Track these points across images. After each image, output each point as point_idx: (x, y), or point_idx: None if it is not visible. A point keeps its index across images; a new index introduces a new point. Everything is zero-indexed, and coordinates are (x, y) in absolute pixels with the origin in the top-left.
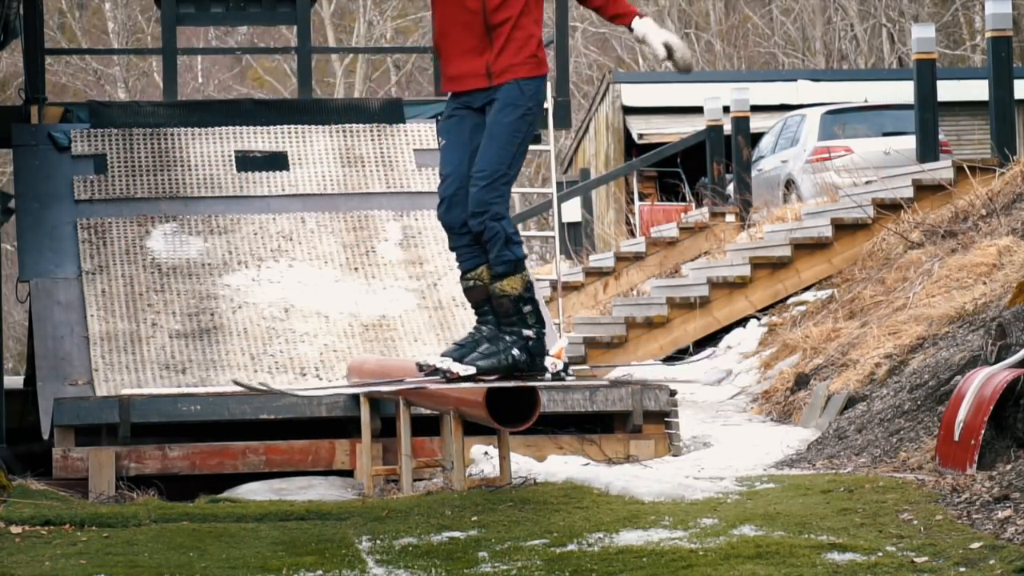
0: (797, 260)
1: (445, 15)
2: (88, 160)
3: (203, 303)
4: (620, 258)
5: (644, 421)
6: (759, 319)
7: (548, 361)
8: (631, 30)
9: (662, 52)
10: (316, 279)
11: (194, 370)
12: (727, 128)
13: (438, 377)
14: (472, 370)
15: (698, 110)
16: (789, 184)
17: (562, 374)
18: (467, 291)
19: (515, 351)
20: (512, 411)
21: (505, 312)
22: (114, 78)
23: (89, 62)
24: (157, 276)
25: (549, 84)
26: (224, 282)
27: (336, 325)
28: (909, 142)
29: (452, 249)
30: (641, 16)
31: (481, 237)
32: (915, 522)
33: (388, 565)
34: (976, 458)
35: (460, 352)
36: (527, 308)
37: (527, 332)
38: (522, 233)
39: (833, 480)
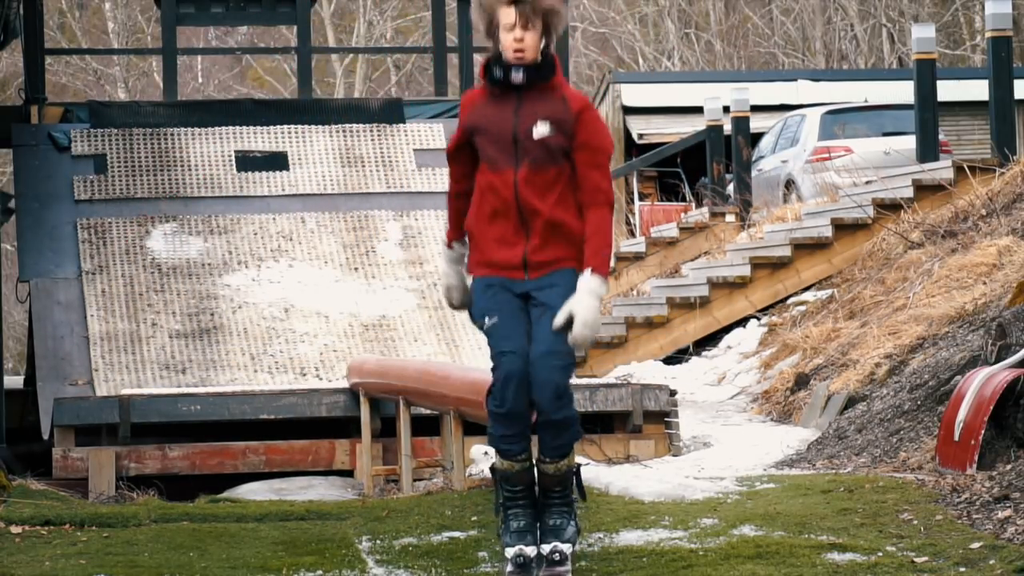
0: (797, 260)
1: (479, 199)
2: (88, 160)
3: (203, 303)
4: (620, 258)
5: (644, 421)
6: (759, 319)
7: None
8: (581, 273)
9: (561, 319)
10: (316, 279)
11: (194, 370)
12: (727, 128)
13: (557, 567)
14: (571, 549)
15: (698, 110)
16: (789, 184)
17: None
18: (514, 474)
19: (576, 523)
20: None
21: (564, 485)
22: (114, 78)
23: (89, 62)
24: (157, 276)
25: None
26: (224, 282)
27: (336, 325)
28: (909, 142)
29: (501, 437)
30: (594, 274)
31: (553, 423)
32: (915, 522)
33: (388, 565)
34: (976, 458)
35: (527, 537)
36: (574, 479)
37: (576, 505)
38: None
39: (833, 480)
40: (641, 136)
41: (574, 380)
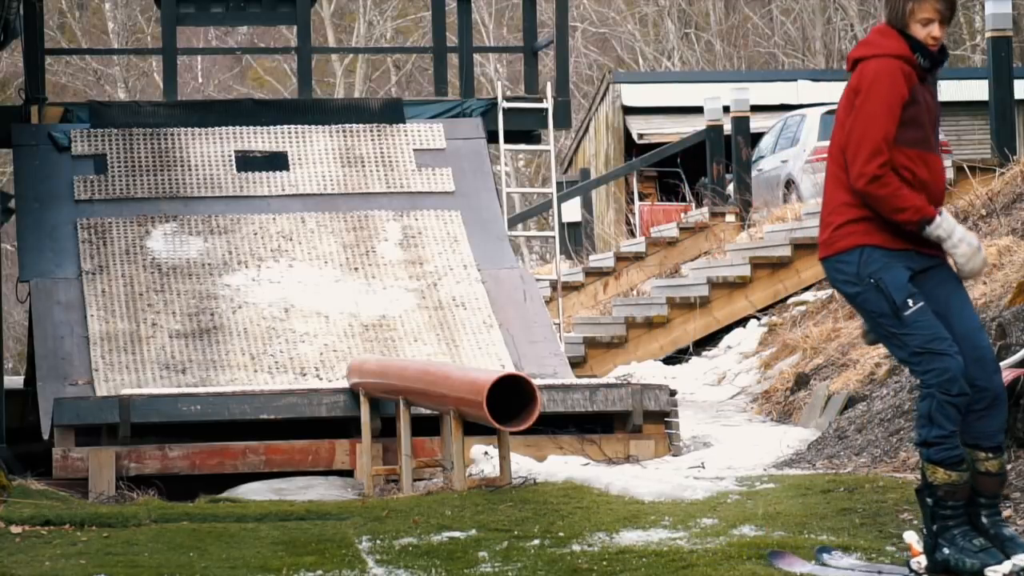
0: (797, 260)
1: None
2: (88, 160)
3: (203, 303)
4: (620, 258)
5: (644, 421)
6: (759, 319)
7: None
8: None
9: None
10: (316, 279)
11: (194, 370)
12: (727, 128)
13: None
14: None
15: (698, 110)
16: (789, 184)
17: None
18: (961, 486)
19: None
20: (512, 411)
21: (993, 494)
22: (114, 78)
23: (89, 62)
24: (157, 276)
25: (549, 84)
26: (224, 282)
27: (336, 325)
28: None
29: (947, 438)
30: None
31: (1001, 399)
32: (915, 522)
33: (388, 565)
34: None
35: (996, 554)
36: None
37: (1006, 512)
38: (522, 233)
39: (833, 480)
40: (641, 136)
41: (575, 380)
